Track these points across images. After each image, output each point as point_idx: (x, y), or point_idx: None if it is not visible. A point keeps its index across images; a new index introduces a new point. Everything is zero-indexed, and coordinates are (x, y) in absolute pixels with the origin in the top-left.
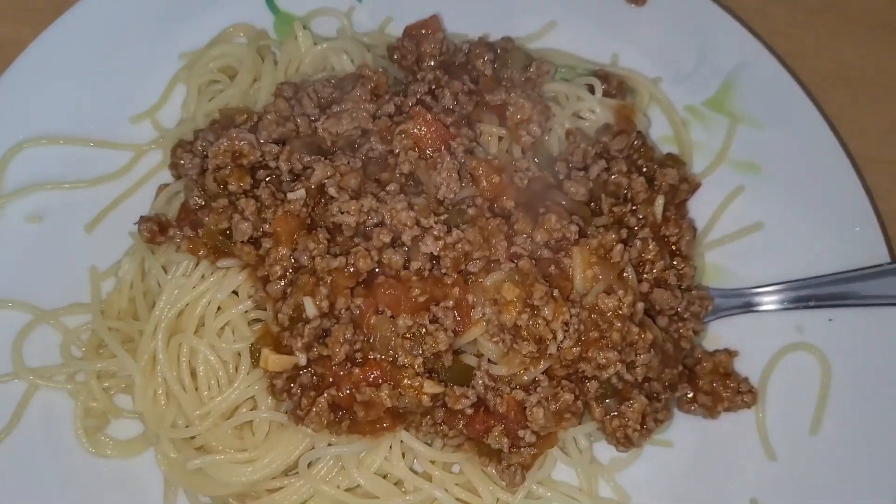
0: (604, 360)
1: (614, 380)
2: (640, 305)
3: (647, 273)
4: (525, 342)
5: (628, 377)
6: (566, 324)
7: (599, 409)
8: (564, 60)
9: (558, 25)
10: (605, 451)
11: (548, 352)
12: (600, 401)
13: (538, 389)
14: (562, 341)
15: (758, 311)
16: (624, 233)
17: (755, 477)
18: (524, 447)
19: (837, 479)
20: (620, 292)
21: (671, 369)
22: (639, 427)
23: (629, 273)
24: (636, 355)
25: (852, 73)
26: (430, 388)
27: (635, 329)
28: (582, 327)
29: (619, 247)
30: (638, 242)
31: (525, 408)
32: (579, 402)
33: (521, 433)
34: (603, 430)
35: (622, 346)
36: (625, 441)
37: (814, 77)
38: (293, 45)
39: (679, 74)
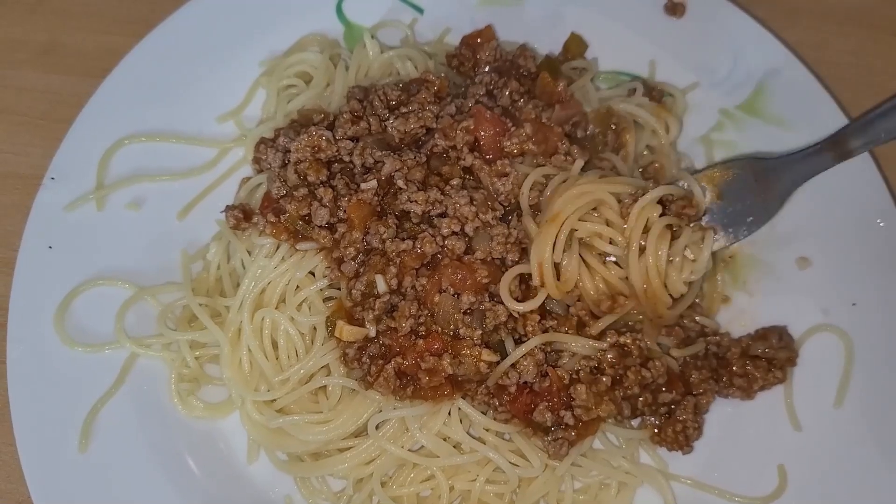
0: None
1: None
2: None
3: None
4: None
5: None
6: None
7: (648, 426)
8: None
9: (602, 35)
10: None
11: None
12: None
13: (579, 374)
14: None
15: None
16: None
17: (782, 446)
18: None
19: (860, 447)
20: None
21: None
22: (696, 425)
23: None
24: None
25: (877, 78)
26: (488, 356)
27: (647, 373)
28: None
29: None
30: None
31: (568, 385)
32: (618, 392)
33: (562, 413)
34: (658, 441)
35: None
36: (685, 441)
37: (840, 83)
38: (362, 53)
39: (714, 80)
